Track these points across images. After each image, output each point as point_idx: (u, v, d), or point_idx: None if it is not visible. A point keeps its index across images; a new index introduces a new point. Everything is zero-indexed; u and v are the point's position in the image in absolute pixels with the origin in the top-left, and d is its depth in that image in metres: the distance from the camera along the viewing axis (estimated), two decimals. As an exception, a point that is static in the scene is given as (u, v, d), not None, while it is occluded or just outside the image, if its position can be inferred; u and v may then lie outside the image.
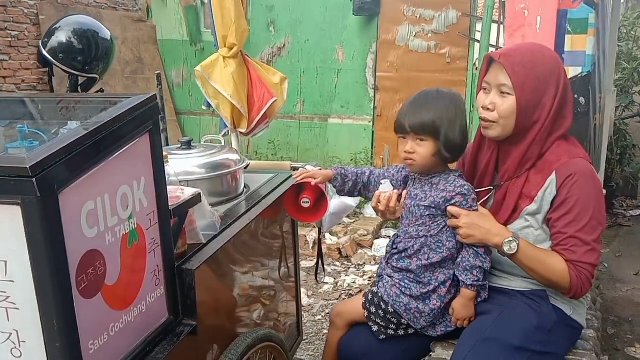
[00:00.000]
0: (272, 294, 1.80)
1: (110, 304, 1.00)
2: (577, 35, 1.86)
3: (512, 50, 1.47)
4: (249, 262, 1.61)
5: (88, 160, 0.93)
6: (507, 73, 1.41)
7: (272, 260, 1.81)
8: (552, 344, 1.49)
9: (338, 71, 5.83)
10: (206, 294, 1.30)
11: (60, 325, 0.89)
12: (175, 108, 6.58)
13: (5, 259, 0.88)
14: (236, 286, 1.53)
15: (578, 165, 1.44)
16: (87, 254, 0.94)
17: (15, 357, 0.93)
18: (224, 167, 1.61)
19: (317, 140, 5.98)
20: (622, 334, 3.13)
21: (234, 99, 2.22)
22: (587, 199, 1.42)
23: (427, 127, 1.44)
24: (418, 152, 1.46)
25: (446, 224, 1.47)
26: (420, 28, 5.53)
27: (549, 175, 1.44)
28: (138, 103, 1.04)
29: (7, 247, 0.87)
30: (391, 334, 1.58)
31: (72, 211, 0.90)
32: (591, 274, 1.42)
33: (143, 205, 1.08)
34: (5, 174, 0.84)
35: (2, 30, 4.89)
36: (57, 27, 2.83)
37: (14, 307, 0.90)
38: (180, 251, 1.25)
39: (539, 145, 1.46)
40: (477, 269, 1.44)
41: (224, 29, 2.23)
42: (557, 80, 1.45)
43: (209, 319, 1.32)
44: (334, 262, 3.99)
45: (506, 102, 1.43)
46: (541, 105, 1.44)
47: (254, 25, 6.06)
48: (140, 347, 1.09)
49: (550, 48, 1.57)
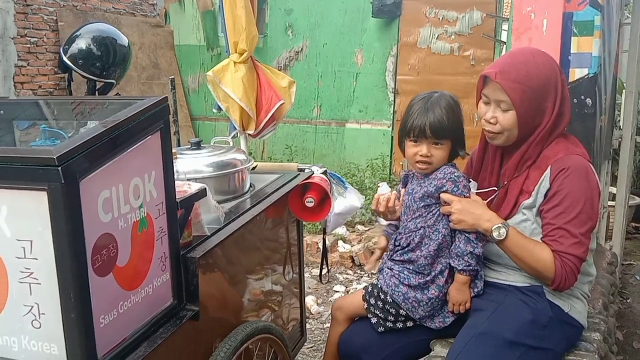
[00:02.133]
0: (274, 291, 1.97)
1: (121, 284, 1.18)
2: (583, 38, 1.98)
3: (506, 66, 1.58)
4: (252, 257, 1.78)
5: (105, 154, 1.12)
6: (505, 91, 1.54)
7: (275, 258, 1.98)
8: (547, 339, 1.59)
9: (356, 75, 5.99)
10: (208, 282, 1.48)
11: (76, 299, 1.07)
12: (190, 113, 6.84)
13: (31, 238, 1.07)
14: (238, 278, 1.70)
15: (572, 161, 1.55)
16: (102, 237, 1.12)
17: (35, 327, 1.12)
18: (230, 166, 1.80)
19: (333, 145, 6.14)
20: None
21: (243, 102, 2.44)
22: (578, 193, 1.53)
23: (445, 131, 1.58)
24: (435, 155, 1.60)
25: (440, 213, 1.61)
26: (443, 30, 5.65)
27: (545, 170, 1.57)
28: (150, 104, 1.23)
29: (33, 229, 1.06)
30: (390, 326, 1.71)
31: (90, 198, 1.08)
32: (576, 266, 1.53)
33: (153, 196, 1.26)
34: (34, 164, 1.03)
35: (22, 37, 5.24)
36: (78, 34, 3.12)
37: (37, 282, 1.09)
38: (186, 241, 1.43)
39: (540, 144, 1.60)
40: (468, 255, 1.57)
41: (235, 35, 2.45)
42: (555, 84, 1.57)
43: (210, 307, 1.49)
44: (346, 271, 4.13)
45: (507, 116, 1.56)
46: (542, 110, 1.57)
47: (271, 29, 6.29)
48: (146, 327, 1.26)
49: (543, 50, 1.69)
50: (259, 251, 1.84)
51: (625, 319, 3.55)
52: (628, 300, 3.86)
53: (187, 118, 6.77)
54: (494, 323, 1.59)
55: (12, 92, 5.10)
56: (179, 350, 1.39)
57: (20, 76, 5.22)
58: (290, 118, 6.32)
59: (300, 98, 6.32)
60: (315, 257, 4.31)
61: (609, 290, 2.36)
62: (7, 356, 1.15)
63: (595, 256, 2.62)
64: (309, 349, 3.02)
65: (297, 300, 2.16)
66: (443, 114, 1.58)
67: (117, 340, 1.18)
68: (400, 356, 1.78)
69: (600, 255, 2.68)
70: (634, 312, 3.65)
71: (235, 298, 1.68)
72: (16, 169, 1.05)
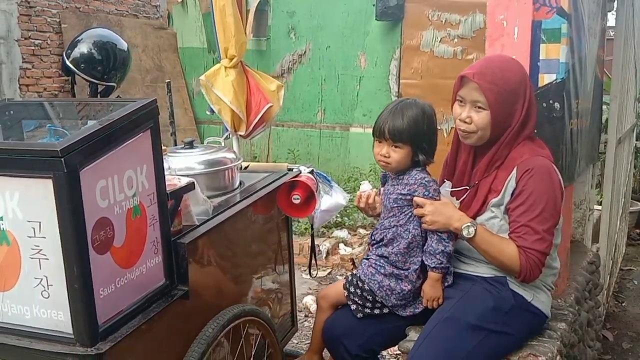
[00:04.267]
0: (264, 281, 2.20)
1: (117, 262, 1.42)
2: (551, 44, 2.17)
3: (484, 68, 1.81)
4: (240, 247, 2.02)
5: (101, 148, 1.36)
6: (482, 91, 1.76)
7: (264, 250, 2.22)
8: (507, 324, 1.81)
9: (360, 78, 6.21)
10: (197, 266, 1.71)
11: (78, 272, 1.31)
12: (195, 117, 7.10)
13: (40, 220, 1.32)
14: (226, 265, 1.93)
15: (537, 162, 1.78)
16: (100, 220, 1.36)
17: (44, 297, 1.36)
18: (220, 164, 2.04)
19: (338, 150, 6.36)
20: (637, 349, 3.35)
21: (233, 105, 2.70)
22: (541, 192, 1.75)
23: (403, 136, 1.82)
24: (392, 156, 1.84)
25: (412, 214, 1.84)
26: (446, 33, 5.84)
27: (511, 171, 1.79)
28: (140, 106, 1.47)
29: (41, 211, 1.31)
30: (367, 312, 1.95)
31: (89, 186, 1.32)
32: (540, 260, 1.75)
33: (145, 187, 1.50)
34: (41, 156, 1.28)
35: (26, 39, 5.55)
36: (80, 39, 3.43)
37: (45, 257, 1.33)
38: (177, 229, 1.67)
39: (508, 145, 1.82)
40: (440, 253, 1.80)
41: (225, 42, 2.73)
42: (524, 89, 1.81)
43: (199, 288, 1.72)
44: (346, 273, 4.35)
45: (481, 116, 1.78)
46: (512, 113, 1.80)
47: (274, 32, 6.55)
48: (141, 301, 1.50)
49: (515, 58, 1.92)
50: (248, 242, 2.07)
51: (618, 321, 3.74)
52: (623, 303, 4.03)
53: (191, 121, 7.02)
54: (459, 309, 1.81)
55: (17, 95, 5.39)
56: (171, 325, 1.62)
57: (25, 78, 5.52)
58: (294, 122, 6.55)
59: (304, 102, 6.55)
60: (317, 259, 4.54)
61: (584, 287, 2.56)
62: (21, 323, 1.39)
63: (575, 255, 2.84)
64: (307, 345, 3.23)
65: (288, 292, 2.40)
66: (404, 121, 1.80)
67: (115, 310, 1.42)
68: (377, 341, 2.02)
69: (582, 255, 2.87)
70: (627, 315, 3.83)
71: (224, 283, 1.92)
72: (26, 161, 1.30)
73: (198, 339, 1.63)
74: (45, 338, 1.37)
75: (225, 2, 2.71)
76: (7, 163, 1.31)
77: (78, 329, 1.35)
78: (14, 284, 1.38)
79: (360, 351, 1.98)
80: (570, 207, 2.63)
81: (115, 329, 1.41)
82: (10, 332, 1.41)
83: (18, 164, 1.31)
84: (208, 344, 1.63)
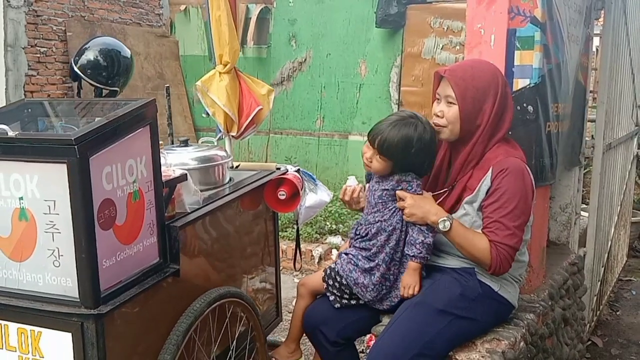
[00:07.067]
0: (250, 269, 2.54)
1: (118, 238, 1.76)
2: (525, 51, 2.46)
3: (456, 66, 2.13)
4: (228, 236, 2.36)
5: (108, 139, 1.71)
6: (451, 86, 2.05)
7: (251, 241, 2.56)
8: (472, 310, 2.07)
9: (360, 86, 6.52)
10: (187, 248, 2.06)
11: (86, 244, 1.65)
12: (194, 124, 7.45)
13: (55, 199, 1.66)
14: (214, 250, 2.27)
15: (511, 163, 2.02)
16: (105, 201, 1.70)
17: (56, 266, 1.70)
18: (211, 160, 2.40)
19: (336, 158, 6.65)
20: (626, 356, 3.62)
21: (227, 108, 3.08)
22: (514, 191, 1.99)
23: (389, 152, 2.00)
24: (374, 164, 2.08)
25: (396, 209, 2.10)
26: (448, 40, 6.14)
27: (487, 171, 2.04)
28: (141, 105, 1.83)
29: (56, 191, 1.65)
30: (345, 302, 2.23)
31: (97, 171, 1.67)
32: (510, 255, 1.99)
33: (143, 175, 1.84)
34: (58, 144, 1.63)
35: (32, 47, 5.99)
36: (87, 47, 3.93)
37: (58, 231, 1.68)
38: (170, 214, 2.02)
39: (481, 145, 2.08)
40: (420, 243, 2.05)
41: (220, 49, 3.13)
42: (495, 90, 2.06)
43: (189, 268, 2.06)
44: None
45: (451, 110, 2.07)
46: (482, 112, 2.06)
47: (275, 40, 6.91)
48: (137, 275, 1.84)
49: (491, 62, 2.18)
50: (235, 232, 2.41)
51: (610, 329, 4.00)
52: (618, 312, 4.30)
53: (190, 129, 7.38)
54: (428, 295, 2.08)
55: (21, 101, 5.79)
56: (163, 298, 1.96)
57: (31, 85, 5.95)
58: (292, 130, 6.86)
59: (303, 109, 6.87)
60: (310, 264, 4.88)
61: (560, 285, 2.85)
62: (34, 289, 1.73)
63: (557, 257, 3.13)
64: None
65: (273, 282, 2.73)
66: (395, 139, 1.99)
67: (115, 280, 1.76)
68: (354, 328, 2.30)
69: (565, 256, 3.16)
70: (620, 323, 4.09)
71: (212, 266, 2.26)
72: (44, 148, 1.66)
73: (187, 312, 1.96)
74: (55, 302, 1.72)
75: (221, 12, 3.11)
76: (29, 150, 1.67)
77: (83, 294, 1.68)
78: (30, 254, 1.73)
79: (338, 338, 2.25)
80: (546, 206, 2.91)
81: (115, 296, 1.74)
82: (25, 297, 1.75)
83: (38, 151, 1.66)
84: (195, 317, 1.96)
